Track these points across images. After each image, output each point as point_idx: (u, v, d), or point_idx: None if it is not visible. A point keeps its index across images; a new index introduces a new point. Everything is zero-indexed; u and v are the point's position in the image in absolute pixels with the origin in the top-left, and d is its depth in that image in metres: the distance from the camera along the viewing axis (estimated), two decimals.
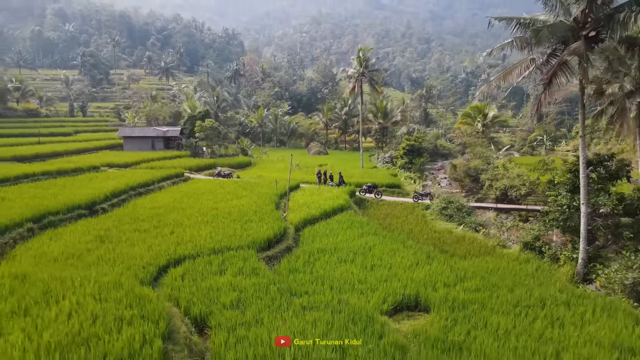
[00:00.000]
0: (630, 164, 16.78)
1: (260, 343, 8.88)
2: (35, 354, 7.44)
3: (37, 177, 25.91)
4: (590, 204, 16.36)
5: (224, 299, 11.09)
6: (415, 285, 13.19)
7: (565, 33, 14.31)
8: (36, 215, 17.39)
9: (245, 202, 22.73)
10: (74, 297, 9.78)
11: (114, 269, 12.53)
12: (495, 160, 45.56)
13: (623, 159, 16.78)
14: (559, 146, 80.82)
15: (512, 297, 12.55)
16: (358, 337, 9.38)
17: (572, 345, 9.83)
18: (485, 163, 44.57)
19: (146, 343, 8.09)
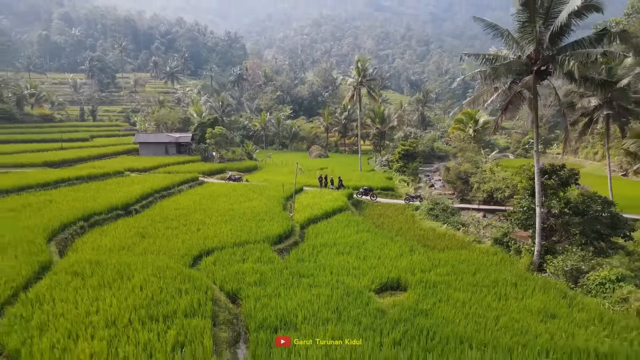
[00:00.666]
0: (579, 173, 20.14)
1: (279, 308, 12.27)
2: (128, 311, 10.87)
3: (72, 181, 29.34)
4: (545, 206, 19.76)
5: (249, 279, 14.50)
6: (397, 271, 16.59)
7: (520, 68, 17.67)
8: (85, 215, 20.81)
9: (256, 204, 26.15)
10: (140, 275, 13.23)
11: (160, 257, 15.94)
12: (483, 164, 48.94)
13: (572, 169, 20.14)
14: (550, 149, 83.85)
15: (473, 279, 15.97)
16: (351, 306, 12.77)
17: (510, 312, 13.24)
18: (474, 167, 47.96)
19: (201, 305, 11.53)
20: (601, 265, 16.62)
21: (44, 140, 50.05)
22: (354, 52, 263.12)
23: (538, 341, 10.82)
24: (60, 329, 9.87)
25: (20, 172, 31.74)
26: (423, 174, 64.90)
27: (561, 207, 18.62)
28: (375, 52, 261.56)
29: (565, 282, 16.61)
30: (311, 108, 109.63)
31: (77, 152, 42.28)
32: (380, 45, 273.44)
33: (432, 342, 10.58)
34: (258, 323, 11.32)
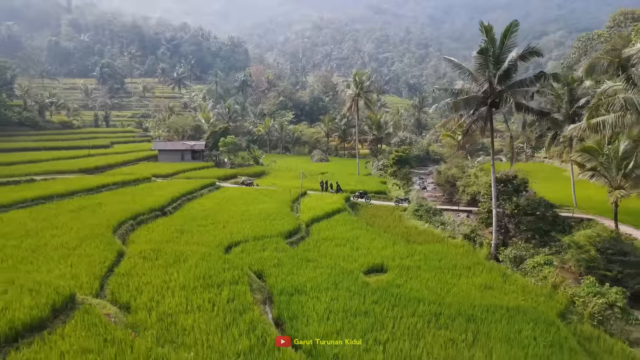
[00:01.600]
0: (528, 182, 25.11)
1: (293, 281, 17.26)
2: (191, 280, 15.93)
3: (110, 187, 34.42)
4: (501, 208, 24.79)
5: (269, 263, 19.52)
6: (382, 258, 21.63)
7: (478, 100, 22.68)
8: (132, 215, 25.89)
9: (268, 206, 31.21)
10: (192, 259, 18.29)
11: (200, 247, 20.95)
12: (469, 169, 53.91)
13: (524, 178, 25.15)
14: (538, 153, 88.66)
15: (439, 264, 21.02)
16: (345, 280, 17.74)
17: (459, 285, 18.28)
18: (461, 171, 52.92)
19: (240, 277, 16.58)
20: (538, 253, 21.67)
21: (70, 147, 55.11)
22: (354, 55, 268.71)
23: (470, 300, 15.88)
24: (151, 291, 14.90)
25: (64, 178, 36.83)
26: (418, 176, 69.86)
27: (512, 209, 23.69)
28: (374, 55, 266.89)
29: (508, 267, 21.68)
30: (312, 113, 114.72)
31: (105, 159, 47.41)
32: (380, 48, 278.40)
33: (398, 301, 15.63)
34: (279, 290, 16.34)
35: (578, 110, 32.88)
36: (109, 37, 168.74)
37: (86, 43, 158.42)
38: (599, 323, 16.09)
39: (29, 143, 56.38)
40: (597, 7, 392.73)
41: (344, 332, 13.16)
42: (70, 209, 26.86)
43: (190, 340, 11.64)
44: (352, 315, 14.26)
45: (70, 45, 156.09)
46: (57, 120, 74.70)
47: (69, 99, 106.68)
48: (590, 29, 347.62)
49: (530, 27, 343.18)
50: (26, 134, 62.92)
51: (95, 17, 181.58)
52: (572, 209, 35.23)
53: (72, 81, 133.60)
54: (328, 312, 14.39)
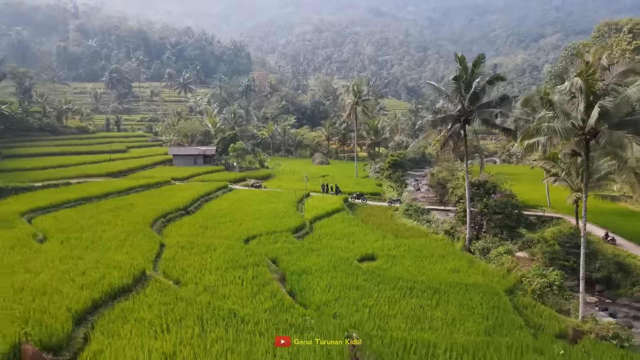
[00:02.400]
0: (498, 185, 29.72)
1: (301, 265, 21.85)
2: (223, 264, 20.59)
3: (137, 189, 39.09)
4: (475, 207, 29.41)
5: (281, 252, 24.14)
6: (373, 249, 26.26)
7: (453, 118, 27.29)
8: (162, 214, 30.54)
9: (276, 206, 35.87)
10: (220, 248, 22.96)
11: (223, 240, 25.59)
12: (458, 172, 58.48)
13: (494, 182, 29.77)
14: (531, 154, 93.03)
15: (419, 254, 25.66)
16: (343, 267, 22.34)
17: (433, 269, 22.94)
18: (450, 174, 57.50)
19: (259, 262, 21.23)
20: (502, 245, 26.32)
21: (91, 152, 59.77)
22: (354, 58, 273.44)
23: (438, 279, 20.54)
24: (193, 271, 19.53)
25: (95, 181, 41.52)
26: (413, 178, 74.42)
27: (481, 208, 28.34)
28: (374, 57, 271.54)
29: (477, 256, 26.32)
30: (313, 116, 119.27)
31: (126, 164, 52.11)
32: (380, 51, 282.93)
33: (382, 279, 20.26)
34: (290, 272, 20.94)
35: None
36: (115, 42, 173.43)
37: (93, 48, 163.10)
38: (539, 297, 20.73)
39: (53, 148, 60.99)
40: (594, 10, 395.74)
41: (341, 299, 17.82)
42: (108, 209, 31.51)
43: (230, 302, 16.29)
44: (347, 289, 18.91)
45: (78, 50, 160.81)
46: (73, 125, 79.29)
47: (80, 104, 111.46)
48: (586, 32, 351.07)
49: (528, 30, 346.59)
50: (47, 139, 67.50)
51: (102, 22, 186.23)
52: (545, 208, 39.93)
53: (81, 85, 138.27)
54: (329, 287, 19.05)
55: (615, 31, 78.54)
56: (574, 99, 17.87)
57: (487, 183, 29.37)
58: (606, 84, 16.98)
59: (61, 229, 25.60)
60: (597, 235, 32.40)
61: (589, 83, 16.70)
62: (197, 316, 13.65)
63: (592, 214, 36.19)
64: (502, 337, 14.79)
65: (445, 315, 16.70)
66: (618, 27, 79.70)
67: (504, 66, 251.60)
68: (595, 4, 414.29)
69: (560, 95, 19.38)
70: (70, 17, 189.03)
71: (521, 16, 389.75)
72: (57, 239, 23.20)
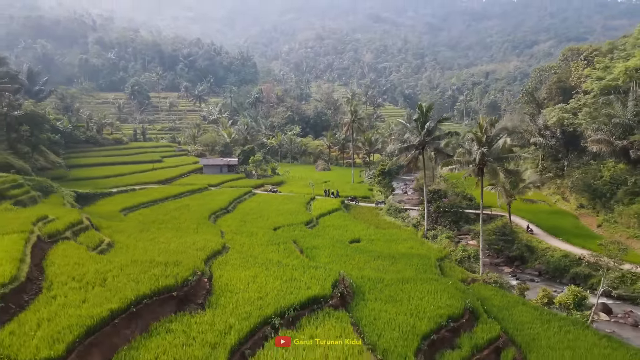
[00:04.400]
0: (447, 192, 42.41)
1: (311, 243, 34.62)
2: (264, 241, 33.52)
3: (185, 194, 51.89)
4: (432, 207, 42.15)
5: (298, 236, 36.92)
6: (359, 235, 39.12)
7: (414, 147, 40.00)
8: (213, 212, 43.41)
9: (291, 206, 48.69)
10: (259, 234, 35.91)
11: (259, 229, 38.38)
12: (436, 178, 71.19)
13: (445, 190, 42.44)
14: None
15: (390, 238, 38.51)
16: (338, 245, 35.09)
17: (396, 247, 35.77)
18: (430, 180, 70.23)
19: (286, 242, 34.11)
20: (446, 233, 39.13)
21: (135, 162, 72.58)
22: (354, 65, 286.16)
23: (398, 252, 33.39)
24: (247, 245, 32.25)
25: (151, 188, 54.41)
26: (404, 182, 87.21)
27: (435, 208, 41.17)
28: (373, 65, 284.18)
29: (429, 240, 39.15)
30: (316, 125, 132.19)
31: (169, 172, 65.06)
32: (379, 58, 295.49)
33: (362, 252, 33.05)
34: (305, 247, 33.68)
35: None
36: (132, 54, 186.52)
37: (112, 60, 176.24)
38: (459, 263, 33.50)
39: (101, 159, 73.83)
40: (588, 16, 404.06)
41: (336, 261, 30.56)
42: (173, 208, 44.38)
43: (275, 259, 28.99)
44: (340, 256, 31.69)
45: (98, 62, 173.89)
46: (110, 137, 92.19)
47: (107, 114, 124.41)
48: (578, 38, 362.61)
49: (523, 36, 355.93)
50: (92, 150, 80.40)
51: (118, 34, 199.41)
52: (494, 208, 52.70)
53: (104, 96, 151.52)
54: (329, 255, 31.83)
55: (578, 55, 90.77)
56: (472, 142, 30.61)
57: (440, 191, 42.13)
58: (489, 135, 29.57)
59: (151, 221, 38.44)
60: (522, 227, 45.28)
61: (478, 137, 29.31)
62: (262, 263, 26.35)
63: (524, 212, 49.24)
64: (422, 276, 27.59)
65: (395, 268, 29.46)
66: (580, 52, 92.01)
67: (497, 73, 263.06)
68: (589, 10, 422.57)
69: (468, 140, 32.09)
70: (89, 30, 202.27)
71: (517, 22, 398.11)
72: (155, 227, 36.03)
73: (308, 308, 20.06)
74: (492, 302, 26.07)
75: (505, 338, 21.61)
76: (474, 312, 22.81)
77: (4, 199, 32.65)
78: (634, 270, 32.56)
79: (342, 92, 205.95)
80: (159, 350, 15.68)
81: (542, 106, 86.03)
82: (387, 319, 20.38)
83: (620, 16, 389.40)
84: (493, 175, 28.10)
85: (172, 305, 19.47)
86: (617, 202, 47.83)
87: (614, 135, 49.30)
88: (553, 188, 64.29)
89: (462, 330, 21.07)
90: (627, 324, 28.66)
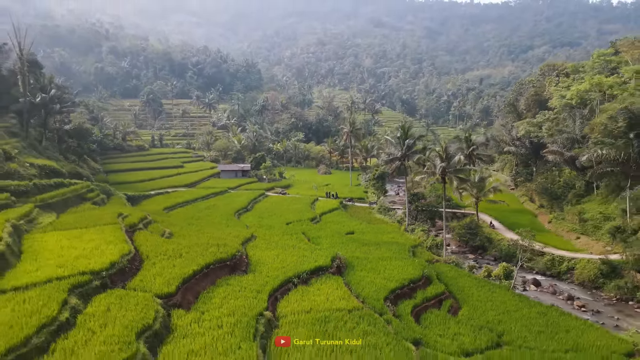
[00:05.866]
0: (423, 197, 52.78)
1: (316, 235, 45.09)
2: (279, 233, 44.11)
3: (210, 196, 62.35)
4: (412, 206, 52.62)
5: (306, 229, 47.37)
6: (353, 228, 49.68)
7: (397, 159, 50.37)
8: (236, 210, 53.93)
9: (299, 206, 59.17)
10: (276, 227, 46.51)
11: (275, 224, 48.82)
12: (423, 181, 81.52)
13: (424, 193, 52.79)
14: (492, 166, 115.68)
15: (377, 231, 49.05)
16: (337, 236, 45.55)
17: (381, 236, 46.29)
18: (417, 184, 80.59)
19: (297, 233, 44.71)
20: (421, 227, 49.64)
21: (160, 167, 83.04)
22: (354, 70, 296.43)
23: (382, 239, 43.91)
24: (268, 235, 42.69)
25: (181, 191, 64.89)
26: (397, 185, 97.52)
27: (414, 207, 51.65)
28: (373, 70, 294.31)
29: (409, 232, 49.65)
30: (318, 131, 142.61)
31: (192, 177, 75.51)
32: (378, 63, 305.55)
33: (354, 241, 43.51)
34: (311, 237, 44.08)
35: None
36: (143, 62, 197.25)
37: (126, 68, 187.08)
38: (429, 249, 43.95)
39: (129, 164, 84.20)
40: (583, 20, 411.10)
41: (335, 247, 40.96)
42: (204, 207, 54.87)
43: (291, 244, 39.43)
44: (338, 243, 42.15)
45: (113, 70, 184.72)
46: (135, 144, 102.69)
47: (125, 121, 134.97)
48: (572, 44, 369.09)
49: (518, 41, 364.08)
50: (120, 157, 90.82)
51: (130, 43, 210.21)
52: (468, 207, 63.10)
53: (119, 103, 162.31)
54: (330, 242, 42.28)
55: (553, 71, 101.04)
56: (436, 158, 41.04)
57: (419, 193, 52.60)
58: (449, 154, 39.93)
59: (190, 217, 48.92)
60: (486, 222, 55.74)
61: (440, 154, 39.69)
62: (281, 247, 36.71)
63: (492, 211, 59.79)
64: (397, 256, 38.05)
65: (378, 251, 39.85)
66: (556, 67, 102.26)
67: (492, 78, 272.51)
68: (585, 14, 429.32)
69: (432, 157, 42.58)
70: (102, 39, 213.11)
71: (514, 27, 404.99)
72: (195, 222, 46.47)
73: (315, 273, 30.54)
74: (446, 274, 36.47)
75: (448, 294, 32.04)
76: (429, 278, 33.27)
77: (84, 201, 43.17)
78: (559, 254, 43.06)
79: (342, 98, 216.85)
80: (225, 293, 26.09)
81: (522, 116, 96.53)
82: (368, 281, 30.87)
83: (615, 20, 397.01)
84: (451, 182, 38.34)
85: (226, 271, 29.96)
86: (567, 203, 58.28)
87: (565, 147, 59.68)
88: (523, 190, 74.72)
89: (418, 289, 31.51)
90: (549, 292, 39.09)
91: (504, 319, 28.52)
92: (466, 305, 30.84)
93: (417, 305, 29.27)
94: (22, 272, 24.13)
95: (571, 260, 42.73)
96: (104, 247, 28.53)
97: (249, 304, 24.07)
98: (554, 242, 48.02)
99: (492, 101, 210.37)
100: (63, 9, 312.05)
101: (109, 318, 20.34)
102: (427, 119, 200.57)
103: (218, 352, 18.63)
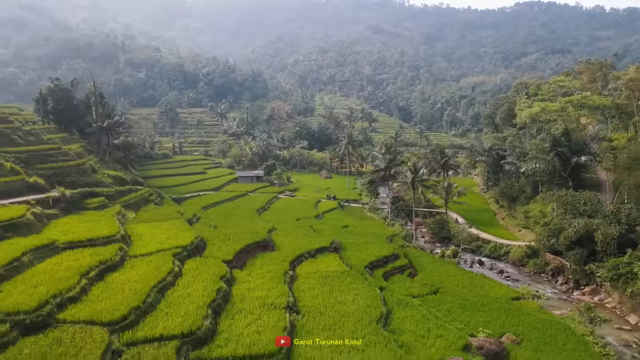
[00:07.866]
0: (403, 196, 67.69)
1: (320, 228, 60.21)
2: (293, 225, 59.40)
3: (234, 198, 77.46)
4: (395, 206, 67.73)
5: (312, 223, 62.49)
6: (348, 223, 64.87)
7: (382, 170, 65.33)
8: (258, 208, 69.18)
9: (305, 206, 74.39)
10: (289, 222, 61.77)
11: (287, 220, 63.97)
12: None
13: (402, 195, 67.79)
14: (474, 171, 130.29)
15: (368, 225, 64.27)
16: (335, 229, 60.68)
17: (369, 229, 61.52)
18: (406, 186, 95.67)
19: (305, 226, 59.98)
20: (399, 222, 64.84)
21: (186, 174, 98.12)
22: (354, 77, 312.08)
23: (369, 230, 59.15)
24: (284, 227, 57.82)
25: (210, 194, 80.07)
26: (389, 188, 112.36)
27: (396, 206, 66.80)
28: (372, 77, 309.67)
29: (391, 226, 64.85)
30: (320, 139, 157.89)
31: (216, 182, 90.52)
32: (377, 70, 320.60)
33: (349, 231, 58.65)
34: (316, 230, 59.17)
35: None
36: (158, 73, 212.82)
37: (142, 79, 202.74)
38: (404, 238, 59.06)
39: (160, 171, 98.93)
40: (576, 27, 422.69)
41: (334, 236, 56.02)
42: (232, 207, 70.07)
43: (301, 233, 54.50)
44: (336, 233, 57.22)
45: (130, 81, 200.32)
46: (160, 153, 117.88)
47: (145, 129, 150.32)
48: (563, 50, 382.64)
49: (513, 48, 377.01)
50: (150, 164, 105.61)
51: (145, 55, 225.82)
52: (442, 207, 78.21)
53: (138, 112, 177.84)
54: (329, 233, 57.35)
55: (525, 88, 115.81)
56: (408, 171, 56.09)
57: (399, 196, 67.74)
58: (417, 167, 54.89)
59: (223, 214, 64.02)
60: (453, 218, 70.89)
61: (410, 168, 54.71)
62: (295, 235, 51.71)
63: (461, 210, 74.86)
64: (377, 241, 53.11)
65: (364, 238, 54.85)
66: (527, 85, 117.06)
67: (484, 85, 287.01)
68: (578, 21, 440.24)
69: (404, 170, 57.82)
70: (119, 51, 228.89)
71: (509, 33, 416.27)
72: (229, 217, 61.51)
73: (319, 251, 45.70)
74: (412, 254, 51.53)
75: (410, 266, 47.14)
76: (397, 256, 48.39)
77: (148, 202, 58.37)
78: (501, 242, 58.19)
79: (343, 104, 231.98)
80: (262, 261, 41.14)
81: (498, 128, 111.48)
82: (355, 256, 46.02)
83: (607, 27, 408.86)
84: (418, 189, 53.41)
85: (260, 249, 45.16)
86: (519, 204, 73.33)
87: (519, 159, 74.68)
88: (491, 193, 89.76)
89: (389, 262, 46.60)
90: (487, 268, 54.22)
91: (444, 280, 43.61)
92: (421, 273, 45.95)
93: (387, 271, 44.37)
94: (139, 247, 39.28)
95: (508, 246, 57.82)
96: (181, 233, 43.66)
97: (278, 267, 39.16)
98: (501, 234, 63.13)
99: (483, 108, 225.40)
100: (77, 17, 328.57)
101: (200, 270, 35.37)
102: (421, 125, 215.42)
103: (265, 288, 33.71)
